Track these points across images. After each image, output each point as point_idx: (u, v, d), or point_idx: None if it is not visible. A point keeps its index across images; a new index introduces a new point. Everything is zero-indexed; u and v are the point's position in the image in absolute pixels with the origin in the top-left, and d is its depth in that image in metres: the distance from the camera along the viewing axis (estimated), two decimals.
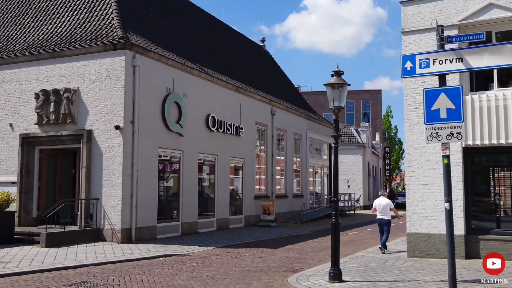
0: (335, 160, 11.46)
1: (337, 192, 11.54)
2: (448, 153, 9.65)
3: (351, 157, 49.53)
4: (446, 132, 9.60)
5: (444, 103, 9.62)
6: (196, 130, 21.33)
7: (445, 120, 9.62)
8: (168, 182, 20.09)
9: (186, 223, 20.38)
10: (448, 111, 9.63)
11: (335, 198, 11.48)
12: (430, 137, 9.78)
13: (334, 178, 11.53)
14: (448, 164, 9.64)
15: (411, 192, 14.62)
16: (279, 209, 29.32)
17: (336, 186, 11.45)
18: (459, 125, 9.39)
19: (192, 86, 21.25)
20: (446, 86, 9.63)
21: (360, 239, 20.75)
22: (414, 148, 14.61)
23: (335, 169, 11.48)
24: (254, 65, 33.90)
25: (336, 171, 11.46)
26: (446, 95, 9.53)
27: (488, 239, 13.60)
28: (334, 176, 11.54)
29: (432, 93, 9.72)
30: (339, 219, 11.41)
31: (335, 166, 11.46)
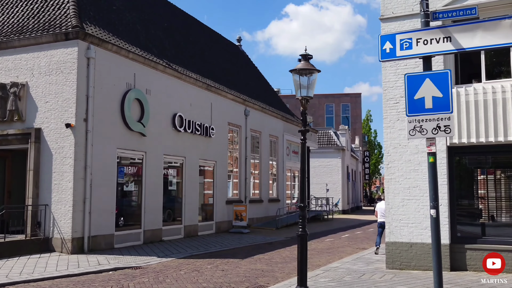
0: (302, 158, 10.01)
1: (305, 196, 10.11)
2: (434, 150, 8.26)
3: (330, 160, 48.26)
4: (432, 125, 8.22)
5: (429, 90, 8.23)
6: (161, 130, 19.76)
7: (431, 111, 8.23)
8: (129, 186, 18.46)
9: (149, 231, 18.77)
10: (435, 101, 8.23)
11: (302, 204, 10.04)
12: (413, 131, 8.38)
13: (302, 180, 10.08)
14: (434, 164, 8.24)
15: (391, 196, 13.22)
16: (253, 214, 27.84)
17: (303, 189, 10.01)
18: (447, 116, 7.99)
19: (157, 83, 19.69)
20: (432, 70, 8.23)
21: (336, 247, 19.35)
22: (393, 147, 13.22)
23: (302, 170, 10.03)
24: (229, 64, 32.40)
25: (304, 172, 10.00)
26: (432, 81, 8.13)
27: (475, 249, 12.23)
28: (302, 178, 10.09)
29: (415, 79, 8.31)
30: (306, 228, 9.95)
31: (302, 165, 10.01)
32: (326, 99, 75.27)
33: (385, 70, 13.69)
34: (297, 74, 9.51)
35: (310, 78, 9.55)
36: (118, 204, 17.64)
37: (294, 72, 9.51)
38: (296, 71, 9.47)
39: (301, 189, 10.19)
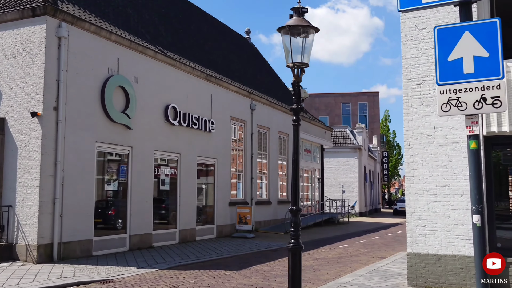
0: (294, 146, 7.72)
1: (297, 196, 7.83)
2: (477, 132, 5.92)
3: (346, 160, 45.78)
4: (473, 96, 5.92)
5: (470, 48, 5.92)
6: (151, 122, 17.55)
7: (472, 76, 5.93)
8: (111, 185, 16.26)
9: (136, 236, 16.56)
10: (478, 62, 5.95)
11: (293, 207, 7.76)
12: (447, 106, 6.08)
13: (294, 175, 7.80)
14: (477, 152, 5.92)
15: (413, 197, 10.80)
16: (260, 217, 25.55)
17: (296, 188, 7.73)
18: (497, 84, 5.69)
19: (146, 70, 17.49)
20: (473, 20, 5.89)
21: (349, 255, 16.94)
22: (416, 138, 10.80)
23: (294, 162, 7.74)
24: (234, 56, 30.12)
25: (296, 164, 7.71)
26: (474, 35, 5.82)
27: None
28: (294, 172, 7.81)
29: (449, 34, 6.01)
30: (300, 240, 7.66)
31: (294, 155, 7.72)
32: (343, 98, 72.68)
33: (405, 45, 11.30)
34: (287, 35, 7.16)
35: (306, 40, 7.19)
36: (98, 205, 15.48)
37: (284, 32, 7.17)
38: (286, 29, 7.11)
39: (293, 188, 7.91)
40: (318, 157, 36.85)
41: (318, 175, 36.38)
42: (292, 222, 7.82)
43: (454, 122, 10.48)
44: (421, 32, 11.18)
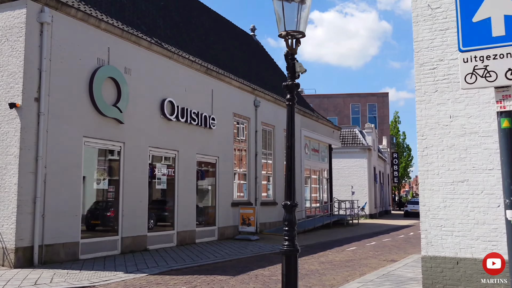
0: (289, 129, 6.65)
1: (292, 190, 6.74)
2: (510, 108, 4.77)
3: (355, 161, 44.51)
4: (505, 64, 4.76)
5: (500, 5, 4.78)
6: (145, 117, 16.49)
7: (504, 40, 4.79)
8: (101, 184, 15.19)
9: (128, 238, 15.48)
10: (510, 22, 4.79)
11: (288, 202, 6.68)
12: (472, 77, 4.94)
13: (288, 167, 6.72)
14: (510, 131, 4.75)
15: (427, 194, 9.62)
16: (265, 218, 24.43)
17: (290, 181, 6.65)
18: None
19: (140, 61, 16.44)
20: None
21: (358, 258, 15.75)
22: (430, 128, 9.62)
23: (288, 149, 6.65)
24: (238, 52, 29.03)
25: (291, 150, 6.63)
26: None
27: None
28: (288, 162, 6.73)
29: None
30: (295, 241, 6.58)
31: (289, 140, 6.65)
32: (352, 99, 71.45)
33: (417, 26, 10.13)
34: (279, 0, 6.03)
35: (301, 5, 6.06)
36: (86, 205, 14.44)
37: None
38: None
39: (288, 179, 6.82)
40: (327, 157, 35.64)
41: (326, 175, 35.17)
42: (286, 220, 6.71)
43: (472, 110, 9.31)
44: (435, 12, 10.01)
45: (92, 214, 14.80)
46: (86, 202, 14.47)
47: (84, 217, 14.16)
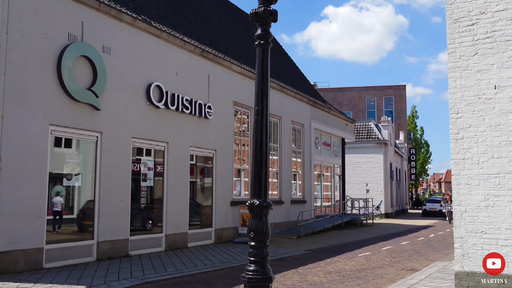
0: (261, 81, 4.57)
1: (262, 181, 4.59)
2: None
3: (370, 156, 42.12)
4: None
5: None
6: (128, 103, 14.40)
7: None
8: (72, 180, 13.09)
9: (106, 243, 13.40)
10: None
11: (256, 201, 4.53)
12: None
13: (257, 141, 4.56)
14: None
15: (463, 190, 7.39)
16: (271, 218, 21.78)
17: (261, 167, 4.52)
18: None
19: (122, 39, 14.35)
20: None
21: (372, 267, 13.51)
22: (468, 103, 7.38)
23: (258, 115, 4.52)
24: (242, 37, 26.78)
25: (262, 119, 4.49)
26: None
27: None
28: (257, 135, 4.57)
29: None
30: (267, 264, 4.48)
31: (260, 102, 4.52)
32: (367, 92, 69.06)
33: None
34: None
35: None
36: (54, 206, 12.36)
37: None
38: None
39: (256, 167, 4.67)
40: (339, 152, 33.33)
41: (338, 172, 32.87)
42: (252, 230, 4.55)
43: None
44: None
45: (60, 216, 12.68)
46: (53, 201, 12.37)
47: (50, 219, 12.09)
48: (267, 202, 4.63)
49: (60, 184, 12.59)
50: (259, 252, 4.47)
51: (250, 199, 4.71)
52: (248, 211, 4.65)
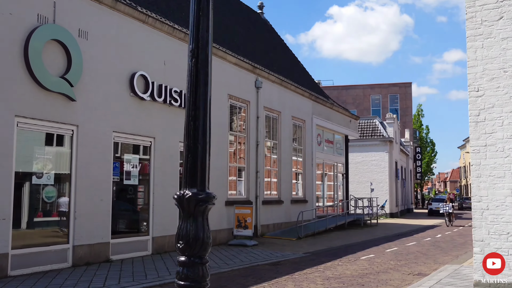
0: (196, 11, 3.13)
1: (200, 166, 3.24)
2: None
3: (375, 155, 40.80)
4: None
5: None
6: (108, 94, 13.16)
7: None
8: (44, 178, 11.81)
9: (83, 247, 12.17)
10: None
11: (188, 192, 3.16)
12: None
13: (192, 104, 3.22)
14: None
15: (484, 183, 6.13)
16: (269, 219, 21.02)
17: (195, 145, 3.19)
18: None
19: (101, 23, 13.11)
20: None
21: (375, 271, 12.23)
22: (491, 77, 6.11)
23: (194, 60, 3.15)
24: (242, 29, 25.60)
25: (196, 68, 3.13)
26: None
27: None
28: (191, 97, 3.22)
29: None
30: (206, 278, 3.04)
31: (194, 40, 3.13)
32: (372, 90, 67.73)
33: None
34: None
35: None
36: (22, 206, 11.14)
37: None
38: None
39: (188, 144, 3.31)
40: (342, 149, 32.02)
41: (342, 170, 31.55)
42: (181, 237, 3.15)
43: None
44: None
45: (30, 218, 11.46)
46: (20, 202, 11.15)
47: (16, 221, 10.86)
48: (206, 194, 3.17)
49: (27, 183, 11.35)
50: (193, 272, 3.04)
51: (180, 189, 3.25)
52: (177, 205, 3.22)
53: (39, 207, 11.77)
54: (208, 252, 3.09)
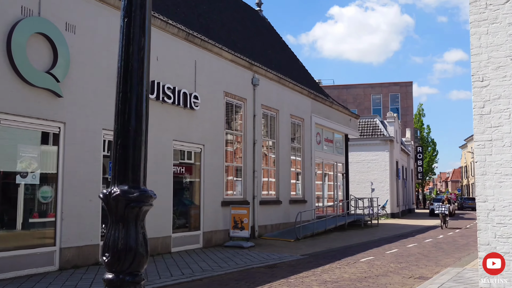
0: None
1: (132, 156, 2.80)
2: None
3: (375, 154, 40.26)
4: None
5: None
6: (97, 90, 12.69)
7: None
8: (28, 178, 11.33)
9: (71, 249, 11.69)
10: None
11: (113, 190, 2.71)
12: None
13: (122, 78, 2.77)
14: None
15: (489, 182, 5.65)
16: (266, 220, 20.54)
17: (127, 124, 2.81)
18: None
19: (89, 16, 12.63)
20: None
21: (375, 275, 11.73)
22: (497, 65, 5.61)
23: (128, 21, 2.67)
24: (239, 26, 25.12)
25: (133, 39, 2.67)
26: None
27: None
28: (124, 65, 2.76)
29: None
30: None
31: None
32: (372, 89, 67.29)
33: None
34: None
35: None
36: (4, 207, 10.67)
37: None
38: None
39: (117, 130, 2.90)
40: (342, 148, 31.52)
41: (342, 169, 31.06)
42: (108, 247, 2.62)
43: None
44: None
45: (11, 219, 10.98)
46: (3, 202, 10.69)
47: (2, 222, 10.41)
48: (140, 191, 2.65)
49: (11, 183, 10.88)
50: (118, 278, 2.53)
51: (109, 187, 2.78)
52: (104, 204, 2.67)
53: (26, 208, 11.27)
54: (144, 268, 2.61)
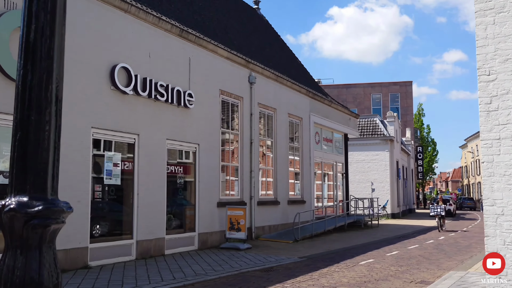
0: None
1: (38, 163, 2.29)
2: None
3: (376, 154, 39.82)
4: None
5: None
6: (85, 87, 12.24)
7: None
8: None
9: (59, 252, 11.15)
10: None
11: (11, 199, 2.23)
12: None
13: (23, 59, 2.24)
14: None
15: (497, 183, 5.23)
16: (264, 220, 20.09)
17: (27, 124, 2.24)
18: None
19: (78, 11, 12.13)
20: None
21: (374, 279, 11.27)
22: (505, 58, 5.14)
23: None
24: (236, 24, 24.67)
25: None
26: None
27: None
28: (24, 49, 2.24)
29: None
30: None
31: None
32: (372, 89, 66.85)
33: None
34: None
35: None
36: None
37: None
38: None
39: (16, 125, 2.40)
40: (342, 148, 31.06)
41: (341, 169, 30.60)
42: (1, 275, 2.14)
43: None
44: None
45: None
46: None
47: None
48: (47, 204, 2.15)
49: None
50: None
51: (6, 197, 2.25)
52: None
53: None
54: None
